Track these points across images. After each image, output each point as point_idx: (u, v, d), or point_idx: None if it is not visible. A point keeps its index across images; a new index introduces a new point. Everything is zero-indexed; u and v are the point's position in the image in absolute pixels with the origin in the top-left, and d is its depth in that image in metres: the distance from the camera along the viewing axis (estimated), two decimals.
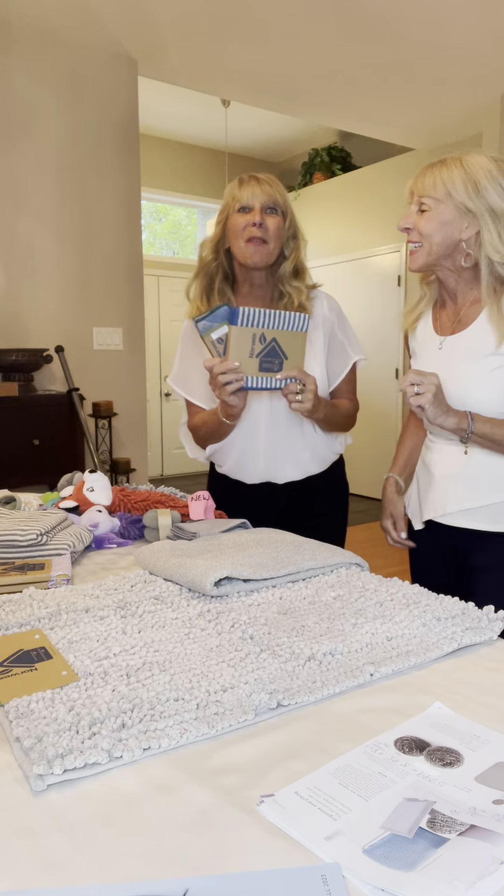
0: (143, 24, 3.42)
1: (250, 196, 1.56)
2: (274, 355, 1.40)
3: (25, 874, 0.53)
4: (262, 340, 1.38)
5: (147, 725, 0.71)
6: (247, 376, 1.39)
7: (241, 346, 1.38)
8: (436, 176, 1.34)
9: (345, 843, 0.56)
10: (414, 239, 1.38)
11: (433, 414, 1.27)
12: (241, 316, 1.36)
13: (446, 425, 1.29)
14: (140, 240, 3.90)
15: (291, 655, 0.88)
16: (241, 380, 1.38)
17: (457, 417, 1.29)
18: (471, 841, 0.55)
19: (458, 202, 1.32)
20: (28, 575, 1.18)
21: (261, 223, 1.55)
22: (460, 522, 1.44)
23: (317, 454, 1.69)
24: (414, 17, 3.40)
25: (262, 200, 1.57)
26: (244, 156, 7.13)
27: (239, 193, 1.58)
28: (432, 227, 1.35)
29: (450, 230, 1.34)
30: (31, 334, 3.59)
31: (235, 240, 1.59)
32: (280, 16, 3.37)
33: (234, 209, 1.58)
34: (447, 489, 1.45)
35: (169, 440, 7.22)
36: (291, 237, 1.62)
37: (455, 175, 1.32)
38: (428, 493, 1.50)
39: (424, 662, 0.89)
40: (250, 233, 1.56)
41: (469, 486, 1.42)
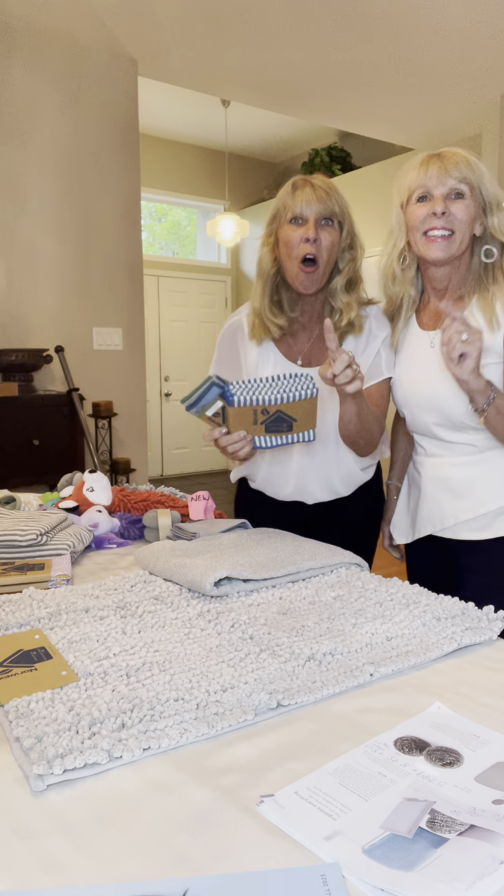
0: (143, 24, 3.42)
1: (304, 206, 1.41)
2: (281, 421, 1.27)
3: (25, 874, 0.53)
4: (264, 413, 1.26)
5: (147, 725, 0.71)
6: (255, 437, 1.29)
7: (241, 421, 1.27)
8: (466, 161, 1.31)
9: (345, 843, 0.56)
10: (449, 226, 1.31)
11: (469, 367, 1.20)
12: (237, 400, 1.24)
13: (475, 384, 1.22)
14: (140, 240, 3.90)
15: (291, 655, 0.88)
16: (249, 444, 1.29)
17: (484, 381, 1.24)
18: (471, 841, 0.55)
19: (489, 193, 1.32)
20: (28, 575, 1.18)
21: (315, 239, 1.41)
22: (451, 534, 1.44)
23: (349, 478, 1.58)
24: (414, 17, 3.40)
25: (316, 211, 1.41)
26: (244, 156, 7.13)
27: (291, 202, 1.43)
28: (469, 215, 1.32)
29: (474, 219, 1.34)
30: (31, 334, 3.59)
31: (287, 256, 1.45)
32: (280, 16, 3.37)
33: (285, 219, 1.44)
34: (441, 502, 1.43)
35: (169, 440, 7.22)
36: (347, 248, 1.48)
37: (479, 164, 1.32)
38: (420, 508, 1.48)
39: (424, 662, 0.89)
40: (303, 250, 1.41)
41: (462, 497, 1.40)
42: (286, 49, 3.72)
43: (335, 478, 1.56)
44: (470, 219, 1.32)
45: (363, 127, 5.00)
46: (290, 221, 1.43)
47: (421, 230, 1.34)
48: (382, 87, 4.23)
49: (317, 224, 1.41)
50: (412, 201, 1.35)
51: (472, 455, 1.39)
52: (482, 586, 1.37)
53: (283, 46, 3.69)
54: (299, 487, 1.58)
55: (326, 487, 1.58)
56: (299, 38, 3.61)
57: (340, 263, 1.48)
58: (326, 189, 1.44)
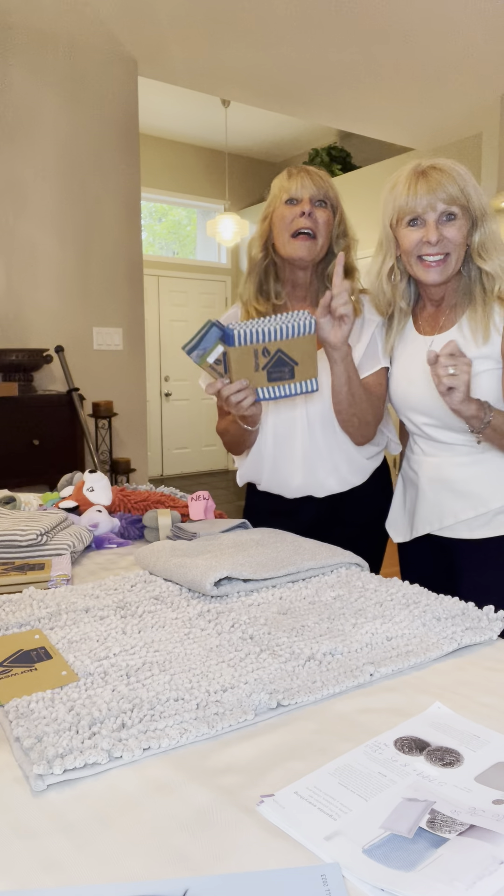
0: (143, 24, 3.42)
1: (299, 187, 1.47)
2: (282, 364, 1.28)
3: (25, 874, 0.53)
4: (265, 354, 1.27)
5: (147, 725, 0.71)
6: (257, 389, 1.30)
7: (243, 365, 1.28)
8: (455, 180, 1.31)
9: (345, 843, 0.56)
10: (446, 250, 1.32)
11: (460, 398, 1.21)
12: (238, 336, 1.25)
13: (466, 412, 1.24)
14: (140, 240, 3.90)
15: (291, 655, 0.88)
16: (252, 394, 1.30)
17: (476, 405, 1.25)
18: (471, 841, 0.55)
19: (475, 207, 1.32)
20: (28, 575, 1.18)
21: (310, 213, 1.46)
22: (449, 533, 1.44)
23: (354, 463, 1.57)
24: (414, 17, 3.40)
25: (311, 192, 1.47)
26: (244, 156, 7.13)
27: (287, 184, 1.49)
28: (462, 236, 1.32)
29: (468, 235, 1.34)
30: (31, 334, 3.59)
31: (281, 233, 1.49)
32: (280, 16, 3.37)
33: (281, 201, 1.49)
34: (440, 502, 1.43)
35: (169, 440, 7.22)
36: (342, 235, 1.52)
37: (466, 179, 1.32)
38: (418, 508, 1.48)
39: (424, 662, 0.89)
40: (298, 224, 1.46)
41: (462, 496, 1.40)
42: (286, 49, 3.71)
43: (341, 462, 1.56)
44: (463, 238, 1.33)
45: (363, 127, 5.00)
46: (285, 202, 1.48)
47: (415, 255, 1.34)
48: (382, 87, 4.23)
49: (311, 203, 1.47)
50: (402, 223, 1.35)
51: (472, 455, 1.39)
52: (479, 585, 1.38)
53: (283, 46, 3.69)
54: (308, 476, 1.56)
55: (335, 474, 1.56)
56: (299, 38, 3.61)
57: (335, 248, 1.51)
58: (321, 175, 1.50)
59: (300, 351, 1.28)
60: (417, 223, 1.33)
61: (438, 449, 1.43)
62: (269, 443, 1.58)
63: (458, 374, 1.19)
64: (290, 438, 1.56)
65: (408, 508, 1.53)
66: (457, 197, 1.30)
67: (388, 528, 1.58)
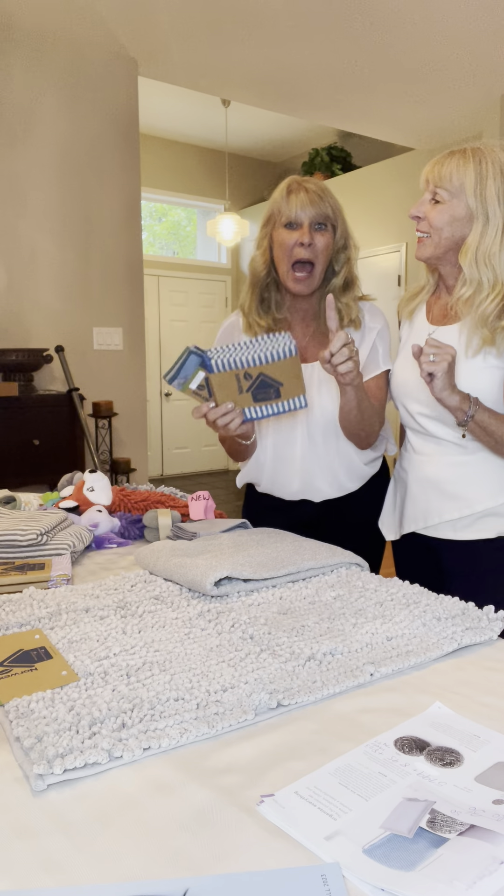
0: (143, 24, 3.42)
1: (298, 210, 1.44)
2: (267, 386, 1.27)
3: (25, 874, 0.53)
4: (247, 378, 1.26)
5: (147, 725, 0.71)
6: (244, 409, 1.29)
7: (226, 390, 1.27)
8: (453, 167, 1.30)
9: (345, 842, 0.56)
10: (423, 229, 1.35)
11: (440, 385, 1.22)
12: (216, 361, 1.24)
13: (449, 402, 1.24)
14: (140, 240, 3.90)
15: (291, 655, 0.88)
16: (239, 415, 1.29)
17: (460, 397, 1.25)
18: (471, 841, 0.55)
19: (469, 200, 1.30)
20: (28, 575, 1.18)
21: (309, 243, 1.44)
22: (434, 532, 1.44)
23: (353, 470, 1.58)
24: (414, 17, 3.40)
25: (310, 216, 1.44)
26: (244, 156, 7.13)
27: (286, 207, 1.45)
28: (443, 220, 1.32)
29: (459, 226, 1.32)
30: (31, 334, 3.59)
31: (281, 260, 1.48)
32: (280, 16, 3.37)
33: (280, 222, 1.46)
34: (426, 500, 1.43)
35: (169, 440, 7.22)
36: (342, 249, 1.51)
37: (471, 170, 1.29)
38: (406, 505, 1.48)
39: (424, 662, 0.89)
40: (298, 254, 1.45)
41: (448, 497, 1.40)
42: (286, 49, 3.72)
43: (340, 470, 1.57)
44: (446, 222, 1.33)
45: (363, 127, 5.00)
46: (284, 226, 1.46)
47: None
48: (382, 87, 4.23)
49: (311, 228, 1.45)
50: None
51: (460, 455, 1.39)
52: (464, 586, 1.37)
53: (283, 46, 3.69)
54: (305, 483, 1.58)
55: (333, 482, 1.58)
56: (299, 38, 3.61)
57: (336, 265, 1.51)
58: (320, 193, 1.46)
59: (283, 373, 1.27)
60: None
61: (429, 446, 1.43)
62: (268, 450, 1.59)
63: (438, 361, 1.20)
64: (290, 446, 1.57)
65: (397, 506, 1.53)
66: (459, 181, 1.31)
67: (381, 526, 1.59)
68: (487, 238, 1.30)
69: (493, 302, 1.30)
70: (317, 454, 1.55)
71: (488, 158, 1.30)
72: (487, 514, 1.37)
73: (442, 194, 1.31)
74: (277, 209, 1.47)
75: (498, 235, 1.30)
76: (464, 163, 1.30)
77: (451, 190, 1.30)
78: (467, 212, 1.30)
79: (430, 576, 1.45)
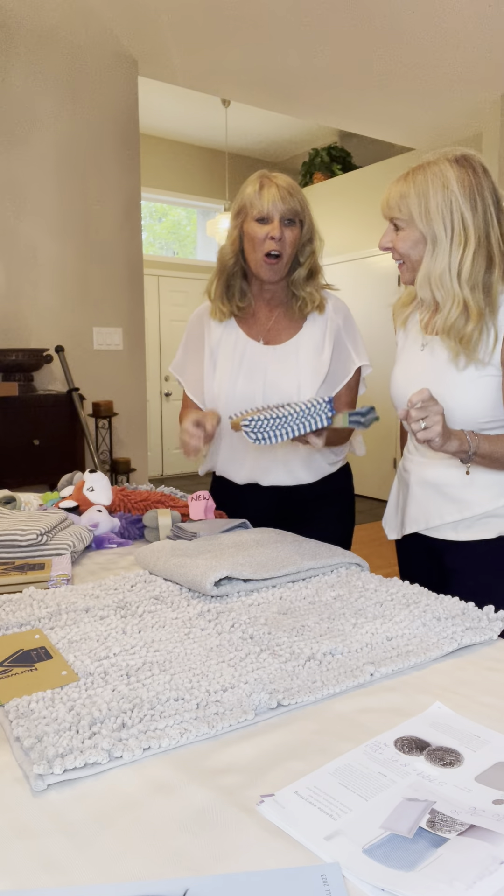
0: (143, 24, 3.42)
1: (270, 206, 1.51)
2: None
3: (25, 874, 0.53)
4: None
5: (147, 725, 0.71)
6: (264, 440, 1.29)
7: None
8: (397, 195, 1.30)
9: (345, 842, 0.56)
10: (396, 257, 1.36)
11: (438, 445, 1.20)
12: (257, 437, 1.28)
13: (449, 450, 1.23)
14: (140, 240, 3.90)
15: (291, 655, 0.88)
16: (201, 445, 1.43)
17: (458, 440, 1.23)
18: (471, 841, 0.55)
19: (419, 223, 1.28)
20: (28, 575, 1.18)
21: (280, 237, 1.52)
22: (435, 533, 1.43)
23: (308, 462, 1.65)
24: (414, 17, 3.40)
25: (281, 211, 1.52)
26: (244, 156, 7.13)
27: (259, 202, 1.53)
28: (407, 246, 1.32)
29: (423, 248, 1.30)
30: (31, 334, 3.59)
31: (252, 250, 1.56)
32: (280, 16, 3.37)
33: (251, 216, 1.54)
34: (428, 502, 1.43)
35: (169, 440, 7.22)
36: (308, 242, 1.59)
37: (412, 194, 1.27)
38: (408, 506, 1.48)
39: (424, 662, 0.89)
40: (268, 247, 1.53)
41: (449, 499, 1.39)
42: (286, 49, 3.71)
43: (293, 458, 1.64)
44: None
45: (363, 127, 5.00)
46: (256, 220, 1.53)
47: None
48: (382, 87, 4.23)
49: (281, 223, 1.53)
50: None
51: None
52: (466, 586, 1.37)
53: (283, 46, 3.68)
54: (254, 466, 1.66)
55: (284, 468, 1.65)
56: (299, 38, 3.61)
57: (301, 257, 1.60)
58: (289, 189, 1.54)
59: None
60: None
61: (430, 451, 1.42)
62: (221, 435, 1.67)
63: (430, 427, 1.17)
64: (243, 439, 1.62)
65: (400, 506, 1.53)
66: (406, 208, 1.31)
67: (384, 526, 1.59)
68: (438, 260, 1.27)
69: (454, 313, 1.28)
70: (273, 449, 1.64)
71: (429, 173, 1.26)
72: (488, 515, 1.37)
73: (398, 223, 1.32)
74: (249, 202, 1.54)
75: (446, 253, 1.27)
76: (405, 187, 1.28)
77: (402, 217, 1.30)
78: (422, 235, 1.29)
79: (432, 576, 1.46)
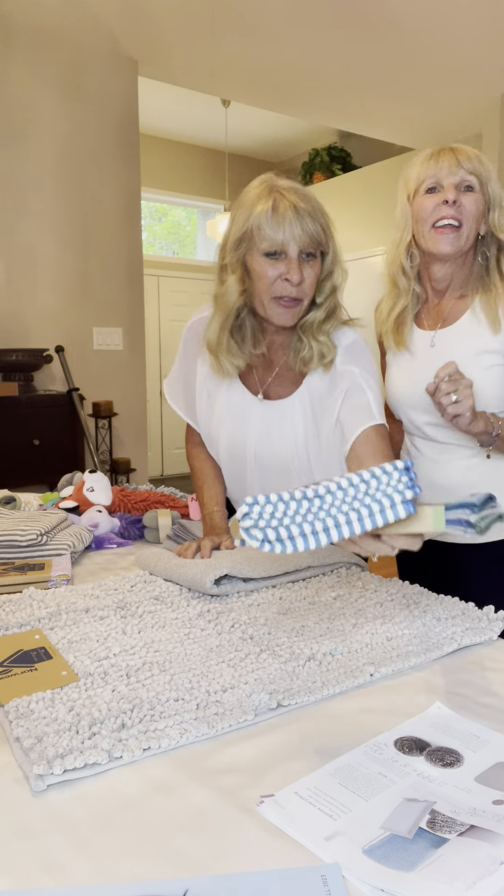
0: (143, 24, 3.42)
1: (286, 238, 1.14)
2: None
3: (25, 874, 0.53)
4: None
5: (147, 726, 0.71)
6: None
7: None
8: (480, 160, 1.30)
9: (345, 843, 0.56)
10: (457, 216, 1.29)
11: (466, 422, 1.14)
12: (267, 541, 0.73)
13: (475, 430, 1.18)
14: (140, 240, 3.90)
15: (291, 656, 0.88)
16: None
17: (483, 421, 1.19)
18: (471, 841, 0.55)
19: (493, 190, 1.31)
20: (28, 575, 1.18)
21: (299, 282, 1.17)
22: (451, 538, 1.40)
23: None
24: (414, 16, 3.40)
25: (301, 243, 1.15)
26: (244, 156, 7.12)
27: (272, 231, 1.14)
28: (478, 209, 1.30)
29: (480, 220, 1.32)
30: (31, 334, 3.59)
31: (261, 294, 1.20)
32: (280, 16, 3.37)
33: (259, 248, 1.16)
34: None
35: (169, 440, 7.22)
36: (328, 277, 1.23)
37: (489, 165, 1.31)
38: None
39: (424, 663, 0.88)
40: (282, 290, 1.18)
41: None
42: (286, 49, 3.71)
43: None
44: (479, 213, 1.31)
45: (363, 127, 5.00)
46: (265, 253, 1.16)
47: (430, 222, 1.31)
48: (382, 87, 4.23)
49: (300, 259, 1.17)
50: (420, 193, 1.33)
51: (470, 459, 1.38)
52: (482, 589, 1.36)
53: (283, 46, 3.68)
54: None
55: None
56: (299, 38, 3.60)
57: (319, 297, 1.24)
58: (310, 209, 1.16)
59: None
60: (436, 190, 1.31)
61: (438, 452, 1.41)
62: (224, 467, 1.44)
63: (461, 401, 1.13)
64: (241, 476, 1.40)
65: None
66: (479, 171, 1.29)
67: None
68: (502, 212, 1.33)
69: None
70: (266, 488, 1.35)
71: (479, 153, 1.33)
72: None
73: (473, 181, 1.29)
74: (257, 229, 1.16)
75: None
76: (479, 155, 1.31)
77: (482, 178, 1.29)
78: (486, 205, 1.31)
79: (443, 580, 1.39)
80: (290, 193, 1.16)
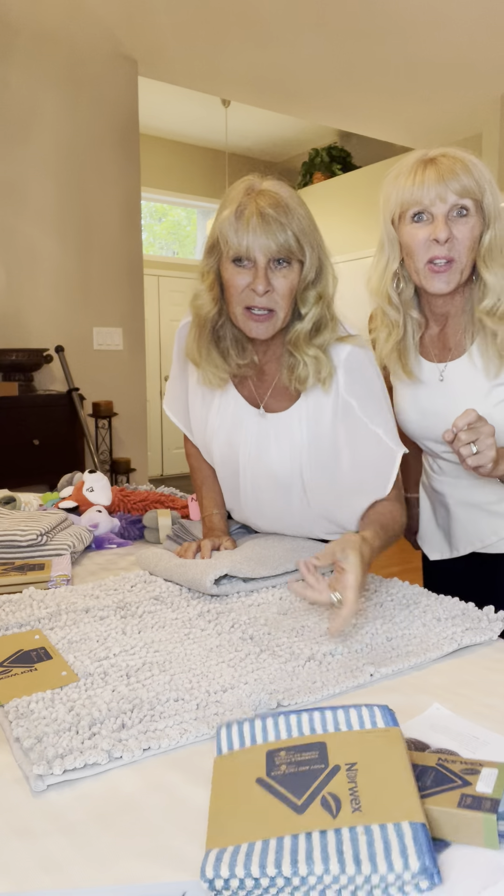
0: (143, 24, 3.42)
1: (250, 245, 1.06)
2: None
3: (25, 874, 0.53)
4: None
5: (147, 726, 0.71)
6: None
7: None
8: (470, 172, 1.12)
9: None
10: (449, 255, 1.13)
11: (487, 471, 1.06)
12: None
13: (497, 473, 1.09)
14: (140, 240, 3.90)
15: (291, 656, 0.88)
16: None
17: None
18: (473, 847, 0.55)
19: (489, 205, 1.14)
20: (28, 575, 1.18)
21: (266, 290, 1.07)
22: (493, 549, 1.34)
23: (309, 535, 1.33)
24: (414, 17, 3.40)
25: (267, 251, 1.06)
26: (244, 156, 7.13)
27: (235, 238, 1.06)
28: (473, 236, 1.14)
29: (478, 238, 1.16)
30: (31, 334, 3.59)
31: (232, 303, 1.12)
32: (280, 16, 3.37)
33: (227, 256, 1.09)
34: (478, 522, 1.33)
35: (169, 440, 7.22)
36: (311, 285, 1.11)
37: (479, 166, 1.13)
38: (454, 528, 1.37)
39: (424, 663, 0.88)
40: (249, 300, 1.09)
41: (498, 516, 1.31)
42: (286, 49, 3.71)
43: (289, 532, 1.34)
44: (474, 239, 1.15)
45: (363, 127, 5.00)
46: (232, 260, 1.09)
47: (423, 259, 1.15)
48: (382, 87, 4.23)
49: (268, 268, 1.08)
50: (407, 220, 1.16)
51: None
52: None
53: (283, 46, 3.68)
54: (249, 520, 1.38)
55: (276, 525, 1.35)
56: (299, 38, 3.60)
57: (302, 308, 1.12)
58: (278, 215, 1.06)
59: None
60: (424, 218, 1.14)
61: (461, 470, 1.30)
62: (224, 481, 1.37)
63: (482, 451, 1.03)
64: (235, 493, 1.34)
65: (441, 526, 1.42)
66: (470, 189, 1.11)
67: (422, 545, 1.48)
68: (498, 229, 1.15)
69: None
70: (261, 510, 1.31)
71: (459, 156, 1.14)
72: None
73: (467, 203, 1.12)
74: (224, 239, 1.08)
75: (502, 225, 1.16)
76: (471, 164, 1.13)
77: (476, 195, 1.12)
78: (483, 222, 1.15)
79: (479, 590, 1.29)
80: (264, 197, 1.07)
